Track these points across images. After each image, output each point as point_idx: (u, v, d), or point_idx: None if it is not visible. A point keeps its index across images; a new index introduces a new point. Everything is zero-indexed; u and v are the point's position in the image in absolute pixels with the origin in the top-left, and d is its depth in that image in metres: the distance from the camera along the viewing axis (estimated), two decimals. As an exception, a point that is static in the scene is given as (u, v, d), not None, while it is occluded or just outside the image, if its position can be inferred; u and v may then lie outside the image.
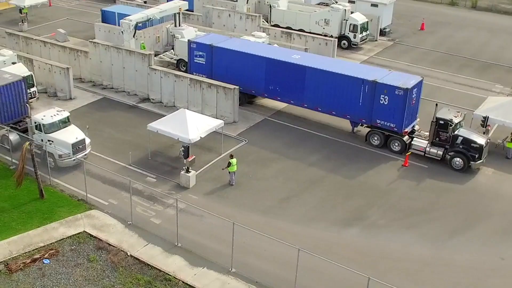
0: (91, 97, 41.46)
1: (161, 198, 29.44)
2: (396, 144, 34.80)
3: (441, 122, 33.17)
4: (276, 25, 55.54)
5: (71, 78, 40.35)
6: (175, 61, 45.97)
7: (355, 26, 52.82)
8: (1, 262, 24.60)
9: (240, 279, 24.13)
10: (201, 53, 40.52)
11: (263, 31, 49.06)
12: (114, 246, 25.84)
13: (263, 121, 38.69)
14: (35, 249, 25.51)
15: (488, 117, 34.74)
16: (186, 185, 30.61)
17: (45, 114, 32.43)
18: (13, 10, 60.62)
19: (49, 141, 31.45)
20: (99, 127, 36.44)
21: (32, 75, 38.12)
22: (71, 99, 40.51)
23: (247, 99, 40.24)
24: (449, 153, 33.34)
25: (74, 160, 31.41)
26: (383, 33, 57.70)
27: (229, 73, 39.32)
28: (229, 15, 53.12)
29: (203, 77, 39.54)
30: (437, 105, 33.76)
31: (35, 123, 31.95)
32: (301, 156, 34.38)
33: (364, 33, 53.59)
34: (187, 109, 35.94)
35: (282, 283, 23.87)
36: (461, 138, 33.05)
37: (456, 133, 33.24)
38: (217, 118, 36.01)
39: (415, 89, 34.55)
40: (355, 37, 53.08)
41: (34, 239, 26.16)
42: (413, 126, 35.50)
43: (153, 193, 29.73)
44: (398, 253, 26.43)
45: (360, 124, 36.28)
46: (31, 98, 37.07)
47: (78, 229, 27.01)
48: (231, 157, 30.96)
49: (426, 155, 33.87)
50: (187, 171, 30.63)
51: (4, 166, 32.21)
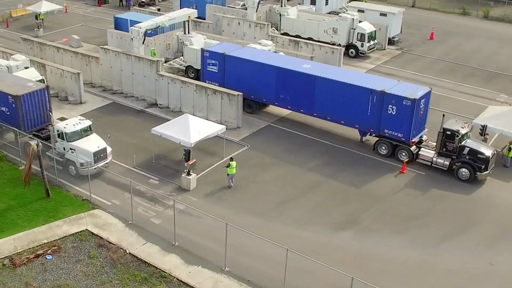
0: (101, 101, 42.75)
1: (162, 199, 30.47)
2: (403, 153, 35.05)
3: (448, 132, 33.42)
4: (285, 33, 56.58)
5: (81, 83, 41.67)
6: (184, 68, 47.14)
7: (362, 35, 53.52)
8: (6, 257, 25.86)
9: (232, 278, 25.06)
10: (213, 62, 41.18)
11: (271, 39, 50.06)
12: (114, 244, 26.94)
13: (266, 127, 39.54)
14: (39, 245, 26.71)
15: (486, 125, 35.29)
16: (186, 187, 31.61)
17: (67, 122, 32.78)
18: (30, 16, 62.39)
19: (71, 149, 31.86)
20: (107, 131, 37.31)
21: (44, 79, 39.25)
22: (81, 103, 41.80)
23: (258, 107, 41.01)
24: (456, 164, 33.53)
25: (95, 168, 31.74)
26: (391, 42, 58.16)
27: (241, 81, 40.02)
28: (239, 23, 54.26)
29: (215, 85, 40.20)
30: (444, 115, 33.93)
31: (58, 131, 32.25)
32: (301, 161, 35.15)
33: (371, 42, 54.24)
34: (193, 114, 37.16)
35: (272, 282, 24.73)
36: (468, 148, 33.20)
37: (463, 143, 33.42)
38: (221, 123, 37.06)
39: (423, 100, 34.78)
40: (362, 46, 53.74)
41: (38, 236, 27.38)
42: (421, 136, 35.74)
43: (155, 195, 30.79)
44: (388, 256, 27.09)
45: (368, 133, 36.77)
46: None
47: (81, 227, 28.18)
48: (231, 159, 31.96)
49: (433, 165, 34.12)
50: (188, 174, 31.65)
51: (13, 166, 33.44)
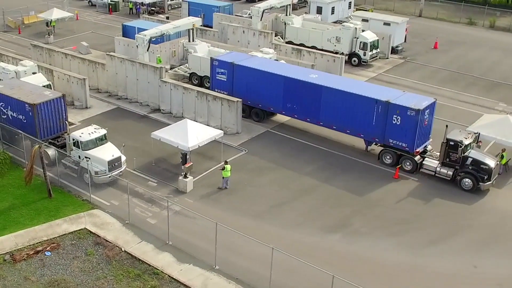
0: (106, 106, 44.01)
1: (159, 201, 31.50)
2: (407, 163, 35.45)
3: (452, 143, 33.87)
4: (290, 42, 57.65)
5: (87, 88, 42.94)
6: (188, 74, 48.28)
7: (365, 44, 54.33)
8: (7, 252, 27.08)
9: (222, 276, 26.02)
10: (222, 71, 41.90)
11: (275, 48, 51.13)
12: (110, 242, 28.05)
13: (265, 133, 40.48)
14: (39, 242, 27.90)
15: (479, 133, 35.92)
16: (183, 189, 32.63)
17: (83, 131, 33.18)
18: (42, 23, 64.12)
19: (86, 158, 32.31)
20: (110, 135, 38.38)
21: (50, 85, 40.58)
22: (87, 108, 43.07)
23: (266, 116, 41.83)
24: (459, 174, 33.94)
25: (109, 177, 32.36)
26: (395, 51, 58.94)
27: (249, 90, 40.84)
28: (243, 32, 55.44)
29: (224, 93, 41.03)
30: (447, 126, 34.34)
31: (73, 140, 32.74)
32: (298, 166, 36.01)
33: (374, 51, 55.06)
34: (195, 119, 38.21)
35: (259, 280, 25.64)
36: (471, 159, 33.52)
37: (466, 154, 33.75)
38: (221, 128, 38.06)
39: (427, 110, 35.14)
40: (365, 55, 54.53)
41: (39, 233, 28.56)
42: (426, 146, 36.13)
43: (152, 196, 31.87)
44: (375, 258, 27.82)
45: (373, 143, 37.29)
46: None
47: (79, 226, 29.33)
48: (226, 163, 32.96)
49: (436, 175, 34.55)
50: (185, 177, 32.67)
51: (18, 167, 34.65)
